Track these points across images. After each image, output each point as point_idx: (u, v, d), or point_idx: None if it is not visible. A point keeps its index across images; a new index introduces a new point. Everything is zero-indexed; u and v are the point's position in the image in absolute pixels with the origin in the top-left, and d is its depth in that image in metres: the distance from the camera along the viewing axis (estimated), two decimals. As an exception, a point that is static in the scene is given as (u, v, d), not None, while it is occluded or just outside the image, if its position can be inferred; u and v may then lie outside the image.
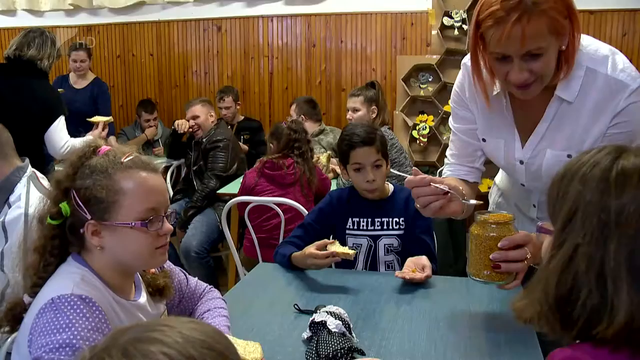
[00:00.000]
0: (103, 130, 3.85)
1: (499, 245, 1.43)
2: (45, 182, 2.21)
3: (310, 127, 4.45)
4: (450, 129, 1.86)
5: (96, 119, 3.96)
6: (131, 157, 1.32)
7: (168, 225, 1.34)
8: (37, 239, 1.33)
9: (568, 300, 0.90)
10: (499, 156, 1.76)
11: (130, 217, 1.28)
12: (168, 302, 1.57)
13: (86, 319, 1.16)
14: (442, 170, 1.99)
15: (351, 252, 1.97)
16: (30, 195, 2.08)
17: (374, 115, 3.75)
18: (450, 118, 1.86)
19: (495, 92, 1.65)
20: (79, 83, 5.16)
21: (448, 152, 1.89)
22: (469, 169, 1.83)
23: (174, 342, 0.68)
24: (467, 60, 1.71)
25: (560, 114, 1.59)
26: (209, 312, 1.62)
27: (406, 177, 1.53)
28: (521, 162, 1.70)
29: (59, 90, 4.11)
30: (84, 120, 4.35)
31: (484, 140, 1.77)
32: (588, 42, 1.55)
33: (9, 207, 2.07)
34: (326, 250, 1.99)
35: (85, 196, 1.28)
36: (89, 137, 3.77)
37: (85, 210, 1.28)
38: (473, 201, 1.58)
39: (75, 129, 4.03)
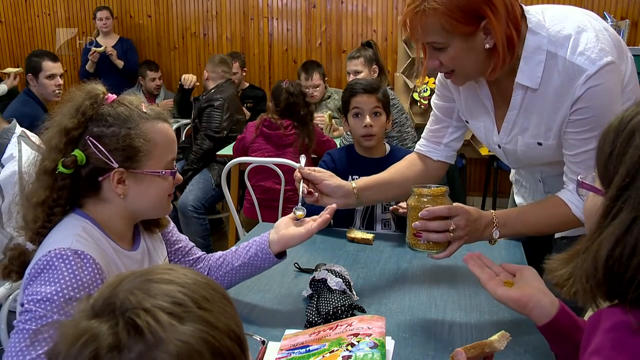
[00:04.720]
0: (15, 79, 4.47)
1: (419, 214, 1.44)
2: (36, 139, 2.20)
3: (322, 91, 4.55)
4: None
5: (7, 70, 4.60)
6: (146, 106, 1.34)
7: (179, 175, 1.40)
8: (41, 190, 1.28)
9: (620, 271, 0.82)
10: (481, 138, 1.76)
11: (159, 166, 1.32)
12: (170, 251, 1.57)
13: (74, 275, 1.16)
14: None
15: (370, 236, 2.06)
16: (23, 153, 2.07)
17: (375, 75, 3.70)
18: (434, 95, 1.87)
19: None
20: (106, 42, 5.61)
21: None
22: (435, 145, 1.86)
23: (185, 283, 0.69)
24: None
25: (527, 102, 1.54)
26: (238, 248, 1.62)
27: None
28: (499, 146, 1.70)
29: (95, 48, 4.79)
30: (125, 74, 5.55)
31: (467, 122, 1.77)
32: (554, 22, 1.46)
33: (2, 167, 2.07)
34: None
35: (113, 144, 1.27)
36: (2, 85, 4.41)
37: (112, 158, 1.27)
38: (300, 212, 1.59)
39: (113, 83, 4.47)
